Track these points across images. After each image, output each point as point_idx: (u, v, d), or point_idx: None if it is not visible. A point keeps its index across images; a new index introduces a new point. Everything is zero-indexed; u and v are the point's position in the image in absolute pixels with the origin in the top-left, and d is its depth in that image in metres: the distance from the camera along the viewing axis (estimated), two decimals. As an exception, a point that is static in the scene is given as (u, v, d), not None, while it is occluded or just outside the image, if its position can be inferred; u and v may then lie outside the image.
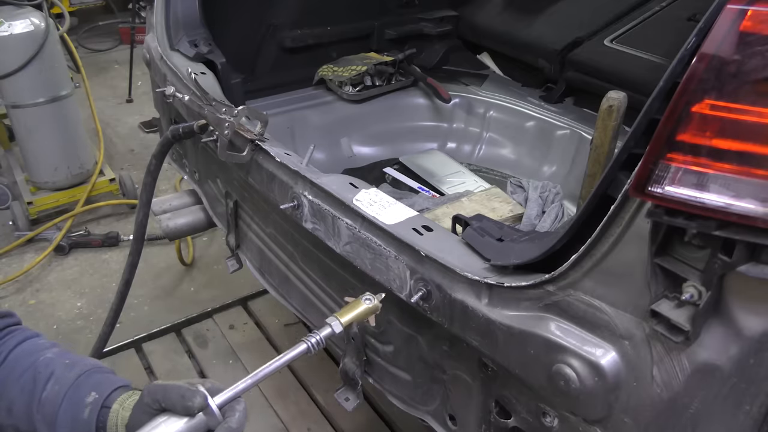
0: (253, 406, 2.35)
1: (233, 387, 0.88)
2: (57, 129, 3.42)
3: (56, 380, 1.00)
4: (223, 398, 0.87)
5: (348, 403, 1.52)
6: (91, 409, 0.97)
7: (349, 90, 2.45)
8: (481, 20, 2.67)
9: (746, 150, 0.67)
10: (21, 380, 1.00)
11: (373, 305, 1.10)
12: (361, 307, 1.08)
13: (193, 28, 2.06)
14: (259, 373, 0.92)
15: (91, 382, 1.00)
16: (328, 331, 1.00)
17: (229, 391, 0.88)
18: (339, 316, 1.04)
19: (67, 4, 5.73)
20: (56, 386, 0.99)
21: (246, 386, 0.90)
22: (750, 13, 0.67)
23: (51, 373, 1.00)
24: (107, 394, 0.98)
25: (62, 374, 1.00)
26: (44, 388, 0.99)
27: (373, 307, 1.10)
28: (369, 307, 1.09)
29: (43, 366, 1.01)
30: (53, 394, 0.98)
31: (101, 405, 0.97)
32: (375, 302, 1.10)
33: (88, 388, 0.99)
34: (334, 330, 1.01)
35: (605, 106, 1.67)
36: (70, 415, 0.97)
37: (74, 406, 0.97)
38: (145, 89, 5.22)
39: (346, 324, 1.04)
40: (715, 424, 0.79)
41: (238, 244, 2.04)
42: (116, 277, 2.99)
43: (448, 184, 2.21)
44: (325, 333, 1.00)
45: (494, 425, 1.15)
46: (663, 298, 0.79)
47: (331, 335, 1.00)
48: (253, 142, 1.48)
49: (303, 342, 0.98)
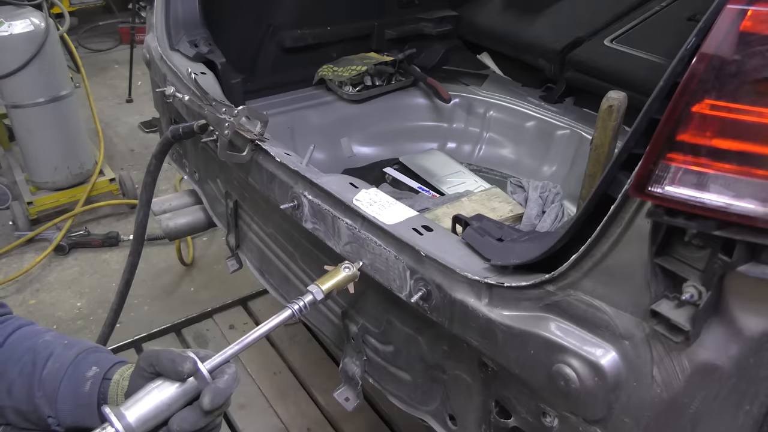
0: (253, 406, 2.35)
1: (222, 352, 0.93)
2: (57, 129, 3.42)
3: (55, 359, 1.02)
4: (212, 363, 0.91)
5: (348, 403, 1.52)
6: (93, 382, 1.00)
7: (349, 90, 2.45)
8: (481, 20, 2.67)
9: (746, 150, 0.67)
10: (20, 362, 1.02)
11: (352, 273, 1.16)
12: (341, 275, 1.15)
13: (193, 28, 2.06)
14: (247, 338, 0.97)
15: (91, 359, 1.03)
16: (309, 298, 1.07)
17: (219, 356, 0.93)
18: (319, 283, 1.11)
19: (67, 4, 5.73)
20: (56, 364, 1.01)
21: (234, 351, 0.95)
22: (750, 13, 0.67)
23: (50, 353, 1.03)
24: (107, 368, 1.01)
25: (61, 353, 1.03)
26: (44, 367, 1.01)
27: (352, 275, 1.17)
28: (348, 275, 1.16)
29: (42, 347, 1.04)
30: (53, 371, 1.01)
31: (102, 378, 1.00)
32: (354, 270, 1.17)
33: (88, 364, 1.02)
34: (315, 297, 1.07)
35: (605, 106, 1.67)
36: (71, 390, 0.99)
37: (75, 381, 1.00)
38: (145, 89, 5.22)
39: (326, 291, 1.10)
40: (715, 424, 0.79)
41: (238, 244, 2.04)
42: (116, 277, 3.00)
43: (448, 184, 2.21)
44: (308, 299, 1.06)
45: (494, 425, 1.15)
46: (663, 298, 0.79)
47: (313, 302, 1.06)
48: (253, 142, 1.48)
49: (288, 308, 1.04)
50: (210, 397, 0.88)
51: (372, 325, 1.42)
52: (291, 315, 1.05)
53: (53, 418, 1.00)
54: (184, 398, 0.90)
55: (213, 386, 0.89)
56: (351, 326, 1.48)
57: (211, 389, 0.89)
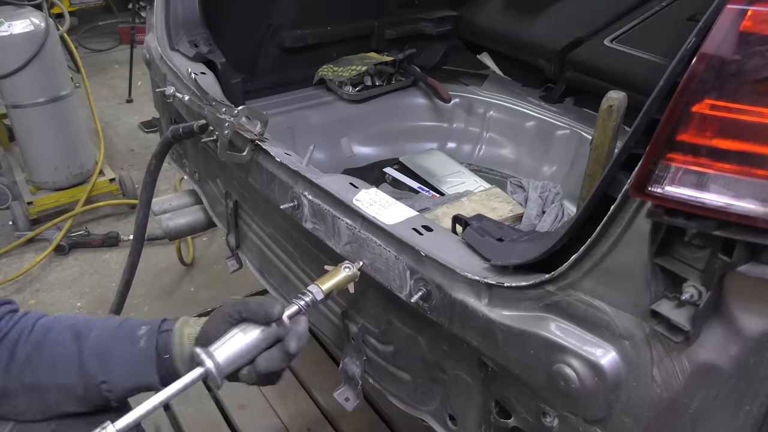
0: (253, 406, 2.35)
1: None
2: (57, 129, 3.42)
3: (101, 328, 1.05)
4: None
5: (348, 403, 1.52)
6: (147, 338, 1.03)
7: (349, 90, 2.45)
8: (481, 20, 2.67)
9: (746, 150, 0.67)
10: (60, 337, 1.04)
11: (352, 273, 1.17)
12: (341, 275, 1.16)
13: (193, 28, 2.06)
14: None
15: (137, 322, 1.07)
16: (310, 297, 1.09)
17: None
18: (320, 283, 1.13)
19: (67, 4, 5.73)
20: (103, 332, 1.05)
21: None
22: (750, 13, 0.67)
23: (91, 326, 1.06)
24: (158, 324, 1.05)
25: (103, 324, 1.07)
26: (89, 336, 1.04)
27: (352, 274, 1.17)
28: (348, 274, 1.17)
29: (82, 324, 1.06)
30: (101, 337, 1.04)
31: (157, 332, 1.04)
32: (354, 270, 1.17)
33: (136, 324, 1.06)
34: (315, 297, 1.10)
35: (605, 106, 1.67)
36: (125, 349, 1.03)
37: (128, 339, 1.03)
38: (145, 89, 5.22)
39: (327, 291, 1.12)
40: (715, 424, 0.79)
41: (238, 244, 2.04)
42: (116, 277, 2.99)
43: (448, 184, 2.21)
44: (309, 299, 1.09)
45: (494, 425, 1.15)
46: (663, 298, 0.79)
47: (313, 301, 1.09)
48: (253, 142, 1.48)
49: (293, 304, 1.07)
50: (296, 340, 0.99)
51: (372, 325, 1.42)
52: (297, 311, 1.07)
53: (106, 383, 1.01)
54: (266, 342, 0.99)
55: (296, 331, 1.00)
56: (351, 326, 1.48)
57: (296, 333, 1.00)
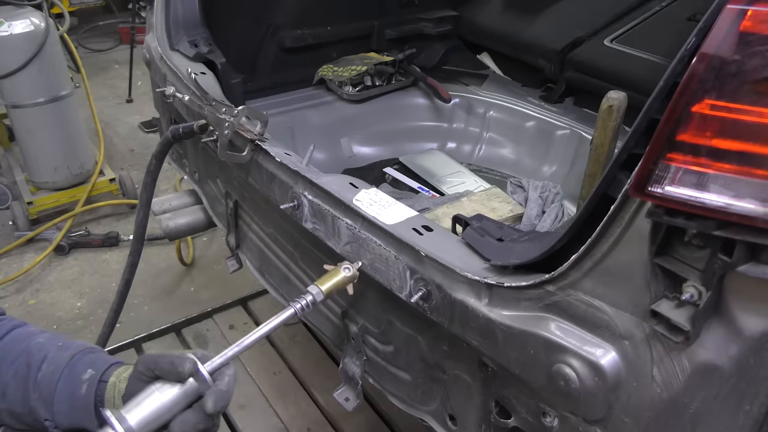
0: (253, 406, 2.35)
1: (222, 354, 0.93)
2: (57, 129, 3.42)
3: (50, 361, 1.01)
4: (213, 365, 0.91)
5: (348, 403, 1.52)
6: (89, 384, 0.99)
7: (349, 90, 2.45)
8: (481, 20, 2.67)
9: (746, 150, 0.67)
10: (14, 365, 1.02)
11: (352, 274, 1.16)
12: (340, 275, 1.15)
13: (193, 28, 2.06)
14: (248, 339, 0.97)
15: (86, 361, 1.02)
16: (310, 298, 1.08)
17: (219, 357, 0.92)
18: (319, 284, 1.11)
19: (67, 4, 5.73)
20: (51, 366, 1.01)
21: (234, 353, 0.94)
22: (750, 13, 0.67)
23: (45, 355, 1.02)
24: (103, 369, 1.01)
25: (56, 355, 1.02)
26: (39, 369, 1.00)
27: (351, 275, 1.17)
28: (348, 275, 1.16)
29: (37, 350, 1.03)
30: (49, 374, 1.00)
31: (98, 380, 0.99)
32: (353, 271, 1.17)
33: (83, 366, 1.01)
34: (315, 298, 1.08)
35: (605, 106, 1.67)
36: (67, 392, 0.99)
37: (71, 383, 0.99)
38: (145, 89, 5.22)
39: (326, 291, 1.11)
40: (715, 424, 0.79)
41: (238, 244, 2.04)
42: (116, 277, 2.99)
43: (448, 184, 2.21)
44: (309, 299, 1.07)
45: (494, 425, 1.15)
46: (663, 298, 0.79)
47: (313, 302, 1.08)
48: (253, 142, 1.48)
49: (290, 308, 1.05)
50: (213, 399, 0.88)
51: (372, 325, 1.42)
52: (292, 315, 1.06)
53: (50, 421, 0.99)
54: (185, 400, 0.90)
55: (216, 389, 0.89)
56: (351, 326, 1.48)
57: (214, 392, 0.89)
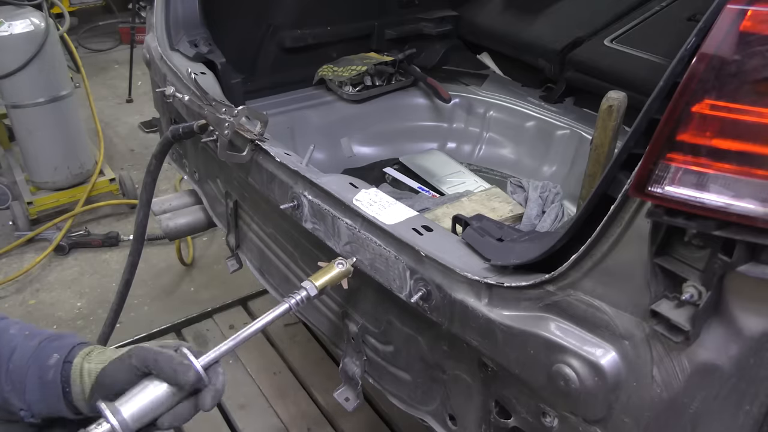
0: (253, 406, 2.35)
1: (217, 348, 0.94)
2: (57, 129, 3.42)
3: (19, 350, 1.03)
4: (207, 359, 0.93)
5: (348, 403, 1.52)
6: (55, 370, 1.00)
7: (349, 90, 2.45)
8: (481, 20, 2.67)
9: (746, 150, 0.67)
10: None
11: (346, 269, 1.17)
12: (334, 270, 1.16)
13: (193, 28, 2.06)
14: (242, 334, 0.98)
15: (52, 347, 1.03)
16: (304, 293, 1.09)
17: (213, 352, 0.94)
18: (313, 279, 1.13)
19: (67, 4, 5.73)
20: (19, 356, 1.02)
21: (228, 348, 0.96)
22: (750, 13, 0.67)
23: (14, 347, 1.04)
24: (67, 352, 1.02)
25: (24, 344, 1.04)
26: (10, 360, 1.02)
27: (346, 270, 1.17)
28: (342, 270, 1.16)
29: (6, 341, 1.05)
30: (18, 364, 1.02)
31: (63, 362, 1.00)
32: (347, 266, 1.17)
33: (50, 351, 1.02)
34: (309, 293, 1.09)
35: (605, 106, 1.67)
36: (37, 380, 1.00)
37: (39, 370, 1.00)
38: (145, 89, 5.22)
39: (320, 287, 1.12)
40: (715, 424, 0.79)
41: (238, 244, 2.04)
42: (116, 277, 2.99)
43: (448, 184, 2.21)
44: (303, 295, 1.08)
45: (494, 425, 1.15)
46: (663, 298, 0.79)
47: (307, 297, 1.08)
48: (253, 142, 1.48)
49: (284, 303, 1.06)
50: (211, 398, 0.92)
51: (372, 325, 1.42)
52: (287, 310, 1.07)
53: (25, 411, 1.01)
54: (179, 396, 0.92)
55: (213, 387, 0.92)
56: (351, 326, 1.48)
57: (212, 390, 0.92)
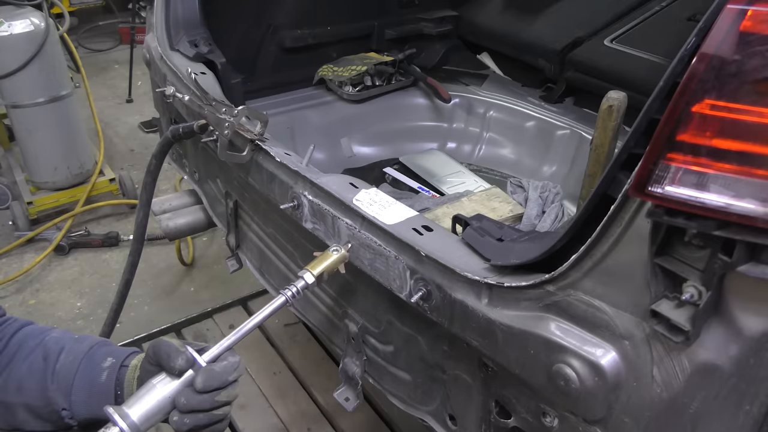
0: (253, 406, 2.35)
1: (219, 344, 0.97)
2: (57, 129, 3.42)
3: (68, 352, 1.04)
4: (210, 356, 0.95)
5: (348, 403, 1.52)
6: (109, 372, 1.02)
7: (349, 90, 2.45)
8: (481, 20, 2.67)
9: (746, 150, 0.67)
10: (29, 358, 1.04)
11: (341, 255, 1.16)
12: (330, 258, 1.16)
13: (193, 28, 2.06)
14: (242, 329, 0.99)
15: (105, 351, 1.05)
16: (302, 283, 1.08)
17: (215, 348, 0.96)
18: (310, 268, 1.13)
19: (67, 4, 5.74)
20: (69, 357, 1.03)
21: (232, 342, 0.97)
22: (750, 13, 0.67)
23: (62, 347, 1.04)
24: (123, 357, 1.04)
25: (73, 347, 1.05)
26: (57, 360, 1.02)
27: (341, 256, 1.17)
28: (337, 257, 1.17)
29: (53, 343, 1.05)
30: (67, 364, 1.02)
31: (120, 365, 1.02)
32: (343, 251, 1.17)
33: (103, 355, 1.04)
34: (306, 282, 1.09)
35: (605, 106, 1.67)
36: (86, 380, 1.01)
37: (91, 371, 1.02)
38: (145, 89, 5.22)
39: (317, 275, 1.12)
40: (715, 424, 0.79)
41: (238, 244, 2.04)
42: (116, 277, 2.99)
43: (448, 184, 2.21)
44: (300, 285, 1.08)
45: (494, 425, 1.15)
46: (663, 298, 0.79)
47: (305, 287, 1.08)
48: (253, 142, 1.48)
49: (281, 295, 1.06)
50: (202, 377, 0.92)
51: (372, 325, 1.42)
52: (284, 302, 1.07)
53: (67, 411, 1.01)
54: None
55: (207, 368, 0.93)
56: (351, 326, 1.48)
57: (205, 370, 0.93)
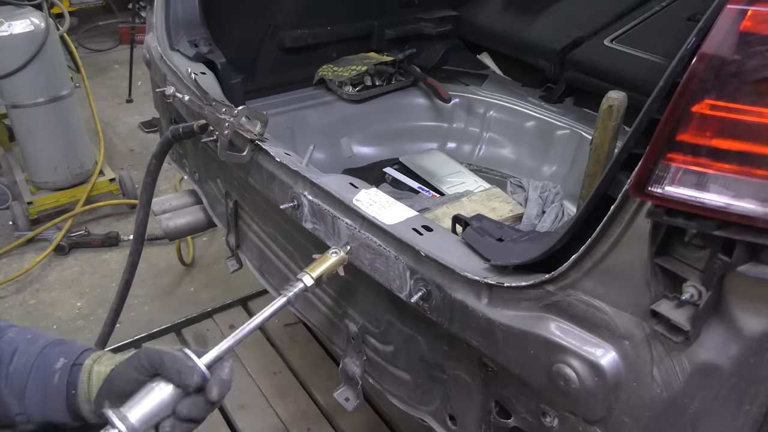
0: (253, 406, 2.35)
1: (219, 346, 0.95)
2: (57, 129, 3.42)
3: (21, 354, 1.01)
4: (209, 358, 0.93)
5: (348, 403, 1.52)
6: (61, 373, 0.99)
7: (349, 90, 2.45)
8: (481, 20, 2.67)
9: (746, 150, 0.67)
10: None
11: (340, 257, 1.17)
12: (329, 260, 1.16)
13: (193, 28, 2.06)
14: (242, 331, 0.98)
15: (57, 351, 1.02)
16: (301, 285, 1.08)
17: (215, 350, 0.95)
18: (309, 270, 1.12)
19: (67, 4, 5.74)
20: (21, 359, 1.00)
21: (230, 345, 0.96)
22: (750, 13, 0.67)
23: (15, 349, 1.02)
24: (75, 356, 1.01)
25: (26, 348, 1.02)
26: (10, 362, 1.00)
27: (340, 258, 1.17)
28: (336, 259, 1.17)
29: (6, 344, 1.03)
30: (20, 366, 1.00)
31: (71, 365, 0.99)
32: (341, 254, 1.17)
33: (55, 356, 1.01)
34: (305, 284, 1.09)
35: (605, 106, 1.67)
36: (39, 383, 0.99)
37: (43, 374, 0.99)
38: (145, 89, 5.22)
39: (316, 277, 1.12)
40: (715, 424, 0.79)
41: (238, 244, 2.04)
42: (116, 277, 2.99)
43: (448, 184, 2.21)
44: (300, 287, 1.08)
45: (494, 425, 1.15)
46: (663, 298, 0.79)
47: (304, 289, 1.08)
48: (253, 142, 1.48)
49: (282, 296, 1.06)
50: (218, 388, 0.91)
51: (372, 325, 1.42)
52: (285, 303, 1.06)
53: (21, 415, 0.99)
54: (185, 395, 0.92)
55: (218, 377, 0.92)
56: (351, 326, 1.48)
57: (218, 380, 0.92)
